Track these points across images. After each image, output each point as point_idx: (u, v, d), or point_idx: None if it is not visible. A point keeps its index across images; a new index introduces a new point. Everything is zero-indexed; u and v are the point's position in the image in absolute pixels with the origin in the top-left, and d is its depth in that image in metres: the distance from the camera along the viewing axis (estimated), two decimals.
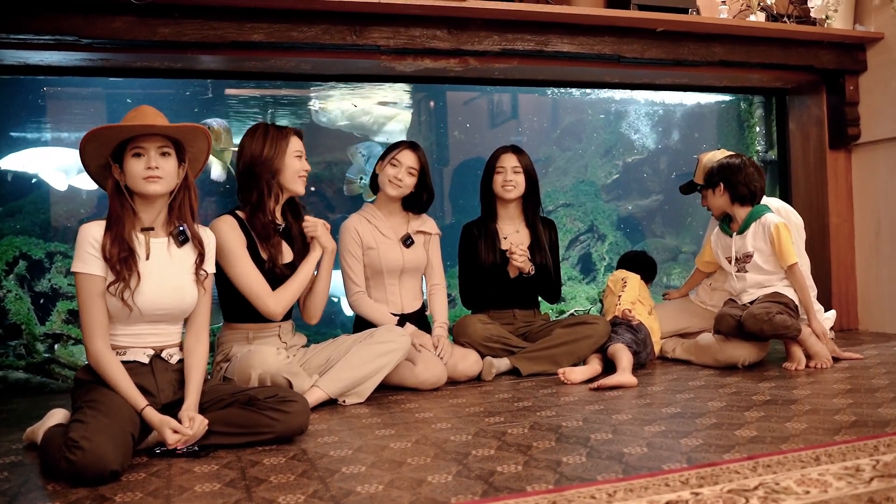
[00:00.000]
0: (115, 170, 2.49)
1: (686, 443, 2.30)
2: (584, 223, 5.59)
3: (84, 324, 2.44)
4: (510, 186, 3.84)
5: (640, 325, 3.69)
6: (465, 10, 3.65)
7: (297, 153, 3.17)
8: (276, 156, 3.11)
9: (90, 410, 2.27)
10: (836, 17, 4.43)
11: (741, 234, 3.68)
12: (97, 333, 2.43)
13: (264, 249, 3.11)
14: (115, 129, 2.46)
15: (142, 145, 2.47)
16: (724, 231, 3.79)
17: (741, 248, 3.67)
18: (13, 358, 3.86)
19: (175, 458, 2.38)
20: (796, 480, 1.88)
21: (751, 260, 3.63)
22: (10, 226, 4.14)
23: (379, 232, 3.64)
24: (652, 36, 4.08)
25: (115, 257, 2.42)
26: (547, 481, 1.98)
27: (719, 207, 3.77)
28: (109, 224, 2.46)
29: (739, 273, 3.68)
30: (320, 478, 2.11)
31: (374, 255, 3.60)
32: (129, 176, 2.47)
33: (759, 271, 3.63)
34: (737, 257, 3.69)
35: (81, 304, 2.44)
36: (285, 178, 3.15)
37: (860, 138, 4.63)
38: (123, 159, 2.47)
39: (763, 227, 3.62)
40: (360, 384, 3.13)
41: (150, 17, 3.24)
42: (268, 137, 3.13)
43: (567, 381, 3.38)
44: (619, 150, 5.82)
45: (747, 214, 3.67)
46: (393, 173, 3.61)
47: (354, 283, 3.59)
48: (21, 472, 2.33)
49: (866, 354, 3.77)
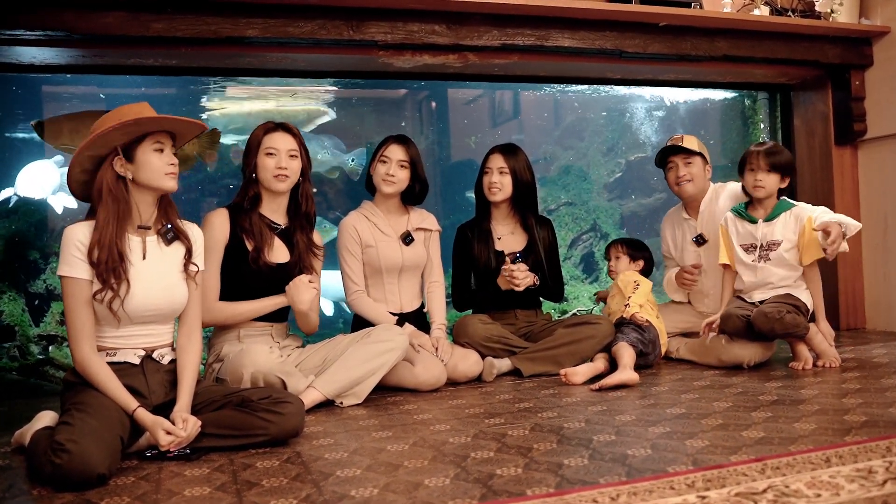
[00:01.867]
0: (119, 163, 2.42)
1: (691, 444, 2.24)
2: (587, 222, 5.53)
3: (70, 329, 2.38)
4: (496, 188, 3.76)
5: (649, 325, 3.62)
6: (464, 5, 3.59)
7: (266, 151, 3.13)
8: (249, 154, 3.16)
9: (77, 413, 2.21)
10: (841, 11, 4.38)
11: (769, 222, 3.53)
12: (83, 338, 2.37)
13: (249, 242, 3.09)
14: (163, 120, 2.44)
15: (161, 140, 2.45)
16: (744, 217, 3.60)
17: (767, 235, 3.52)
18: (7, 360, 3.81)
19: (166, 461, 2.32)
20: (807, 483, 1.81)
21: (777, 248, 3.49)
22: (4, 226, 4.09)
23: (378, 229, 3.58)
24: (654, 30, 4.02)
25: (103, 265, 2.36)
26: (548, 484, 1.92)
27: (770, 192, 3.54)
28: (98, 226, 2.39)
29: (760, 263, 3.53)
30: (314, 481, 2.05)
31: (372, 253, 3.54)
32: (148, 170, 2.42)
33: (781, 264, 3.49)
34: (761, 244, 3.55)
35: (68, 309, 2.38)
36: (262, 176, 3.15)
37: (866, 134, 4.57)
38: (133, 154, 2.42)
39: (796, 218, 3.50)
40: (358, 384, 3.07)
41: (143, 13, 3.19)
42: (251, 136, 3.18)
43: (569, 383, 3.32)
44: (622, 148, 5.76)
45: (778, 203, 3.56)
46: (384, 170, 3.55)
47: (353, 282, 3.53)
48: (7, 476, 2.27)
49: (875, 353, 3.71)
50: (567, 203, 5.55)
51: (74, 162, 2.43)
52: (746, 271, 3.57)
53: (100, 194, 2.41)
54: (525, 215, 3.85)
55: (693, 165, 3.82)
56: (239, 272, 3.08)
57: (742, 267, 3.59)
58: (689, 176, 3.82)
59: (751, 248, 3.57)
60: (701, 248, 3.87)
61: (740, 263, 3.59)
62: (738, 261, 3.59)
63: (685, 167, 3.83)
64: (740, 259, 3.58)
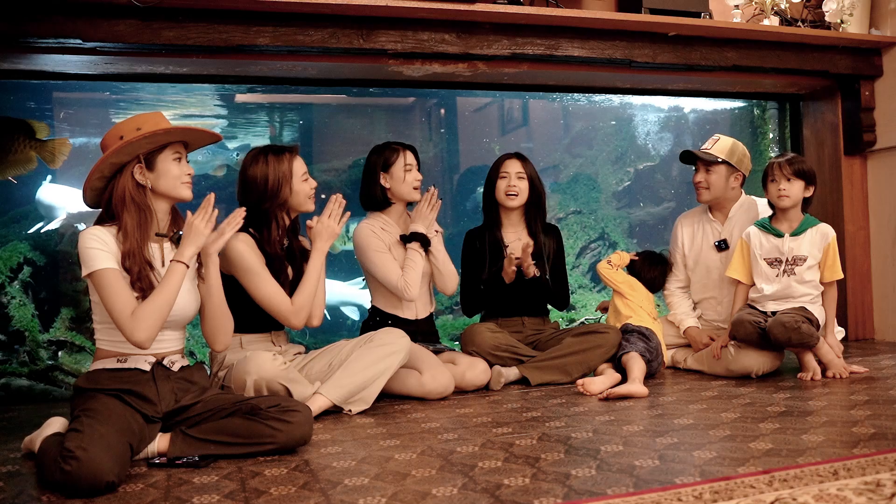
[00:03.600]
0: (140, 172, 2.45)
1: (699, 455, 2.24)
2: (595, 230, 5.53)
3: (119, 318, 2.36)
4: (513, 193, 3.78)
5: (651, 332, 3.63)
6: (473, 14, 3.60)
7: (303, 176, 3.18)
8: (283, 185, 3.12)
9: (87, 419, 2.22)
10: (851, 22, 4.38)
11: (795, 236, 3.52)
12: (133, 317, 2.36)
13: (273, 273, 3.10)
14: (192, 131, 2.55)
15: (180, 150, 2.52)
16: (769, 231, 3.57)
17: (794, 249, 3.51)
18: (16, 365, 3.82)
19: (174, 468, 2.33)
20: (814, 496, 1.81)
21: (802, 264, 3.48)
22: (15, 231, 4.11)
23: (393, 238, 3.63)
24: (663, 40, 4.03)
25: (135, 275, 2.39)
26: (555, 495, 1.92)
27: (796, 200, 3.52)
28: (126, 235, 2.41)
29: (784, 277, 3.50)
30: (322, 490, 2.05)
31: None
32: (168, 179, 2.48)
33: (804, 280, 3.49)
34: (787, 259, 3.52)
35: (110, 300, 2.36)
36: (296, 202, 3.18)
37: (876, 144, 4.56)
38: (154, 162, 2.47)
39: (821, 235, 3.51)
40: (364, 389, 3.08)
41: (155, 21, 3.21)
42: (269, 166, 3.12)
43: (587, 393, 3.31)
44: (631, 157, 5.76)
45: (805, 218, 3.55)
46: (413, 178, 3.61)
47: (393, 270, 3.54)
48: (17, 482, 2.28)
49: (883, 365, 3.70)
50: (575, 211, 5.55)
51: (96, 169, 2.45)
52: (768, 285, 3.54)
53: (123, 203, 2.44)
54: (534, 222, 3.86)
55: (713, 173, 3.80)
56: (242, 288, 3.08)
57: (763, 280, 3.56)
58: (706, 183, 3.81)
59: (775, 262, 3.54)
60: (721, 254, 3.86)
61: (762, 276, 3.56)
62: (761, 274, 3.57)
63: (704, 173, 3.83)
64: (763, 272, 3.56)
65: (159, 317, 2.38)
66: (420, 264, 3.55)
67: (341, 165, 5.10)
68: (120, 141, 2.41)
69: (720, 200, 3.86)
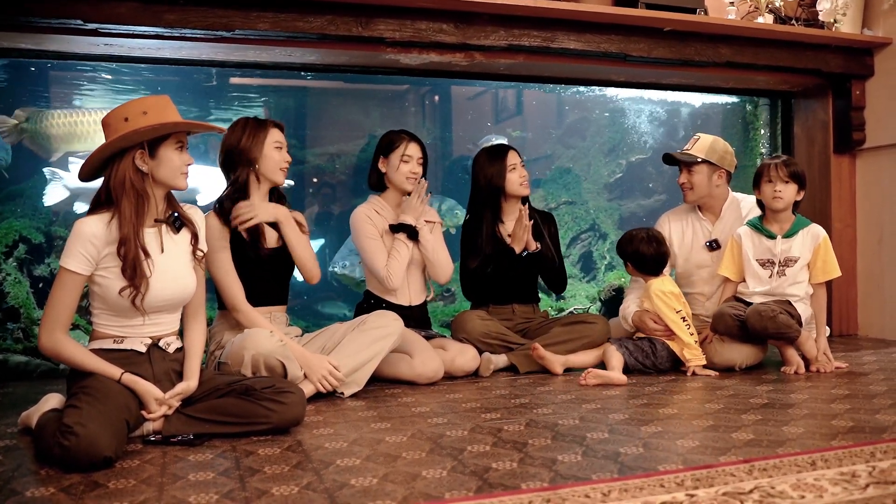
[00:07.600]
0: (141, 158, 2.45)
1: (682, 444, 2.30)
2: (586, 221, 5.57)
3: (50, 313, 2.40)
4: (526, 182, 3.90)
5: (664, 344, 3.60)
6: (471, 5, 3.63)
7: (276, 144, 3.22)
8: (254, 146, 3.18)
9: (85, 396, 2.27)
10: (844, 21, 4.42)
11: (787, 238, 3.53)
12: (59, 325, 2.40)
13: (245, 232, 3.15)
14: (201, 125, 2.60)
15: (182, 140, 2.53)
16: (762, 232, 3.58)
17: (786, 251, 3.53)
18: (11, 342, 3.85)
19: (169, 445, 2.38)
20: (792, 485, 1.87)
21: (794, 265, 3.50)
22: (10, 209, 4.13)
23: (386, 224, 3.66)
24: (659, 35, 4.07)
25: (129, 261, 2.40)
26: (542, 479, 1.97)
27: (789, 203, 3.52)
28: (122, 221, 2.42)
29: (776, 278, 3.52)
30: (314, 469, 2.10)
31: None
32: (168, 167, 2.49)
33: (795, 281, 3.51)
34: (779, 260, 3.54)
35: (55, 296, 2.40)
36: (265, 168, 3.21)
37: (865, 143, 4.62)
38: (156, 150, 2.47)
39: (812, 237, 3.53)
40: (356, 371, 3.13)
41: (155, 4, 3.23)
42: (246, 129, 3.20)
43: (539, 358, 3.56)
44: (623, 150, 5.80)
45: (796, 219, 3.57)
46: (408, 169, 3.64)
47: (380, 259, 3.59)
48: (15, 456, 2.32)
49: (865, 360, 3.77)
50: (567, 202, 5.59)
51: (102, 147, 2.44)
52: (758, 284, 3.57)
53: (122, 187, 2.43)
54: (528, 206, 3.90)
55: (696, 173, 3.78)
56: (240, 261, 3.14)
57: (754, 280, 3.59)
58: (690, 184, 3.81)
59: (768, 263, 3.57)
60: (713, 254, 3.85)
61: (754, 277, 3.59)
62: (753, 275, 3.59)
63: (687, 174, 3.82)
64: (755, 273, 3.58)
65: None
66: (405, 255, 3.59)
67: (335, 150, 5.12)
68: (125, 122, 2.41)
69: (708, 199, 3.86)
